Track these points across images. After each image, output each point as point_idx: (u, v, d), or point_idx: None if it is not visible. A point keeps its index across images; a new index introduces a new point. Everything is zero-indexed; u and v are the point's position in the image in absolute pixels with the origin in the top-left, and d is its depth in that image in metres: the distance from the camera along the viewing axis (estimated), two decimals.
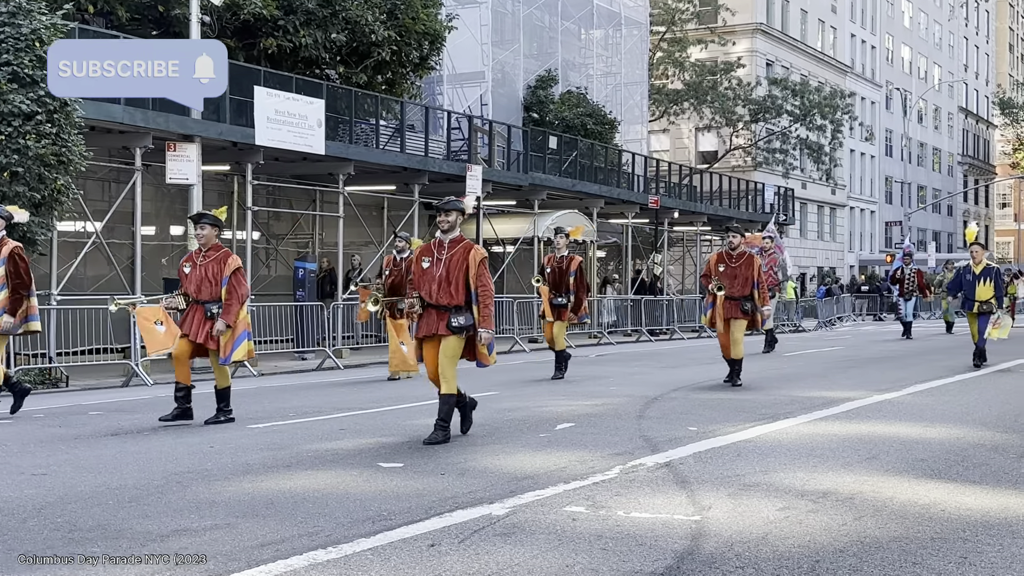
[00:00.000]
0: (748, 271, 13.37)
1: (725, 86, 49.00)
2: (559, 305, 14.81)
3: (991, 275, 16.23)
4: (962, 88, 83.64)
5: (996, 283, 16.17)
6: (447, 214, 8.72)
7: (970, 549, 5.12)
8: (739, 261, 13.47)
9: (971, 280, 16.21)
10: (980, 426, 9.39)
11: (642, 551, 5.08)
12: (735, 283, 13.34)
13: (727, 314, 13.31)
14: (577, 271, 14.81)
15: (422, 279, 8.72)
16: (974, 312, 16.15)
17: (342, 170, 21.83)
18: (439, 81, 32.39)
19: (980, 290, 16.05)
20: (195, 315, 10.01)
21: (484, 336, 8.68)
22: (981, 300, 16.04)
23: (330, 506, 6.15)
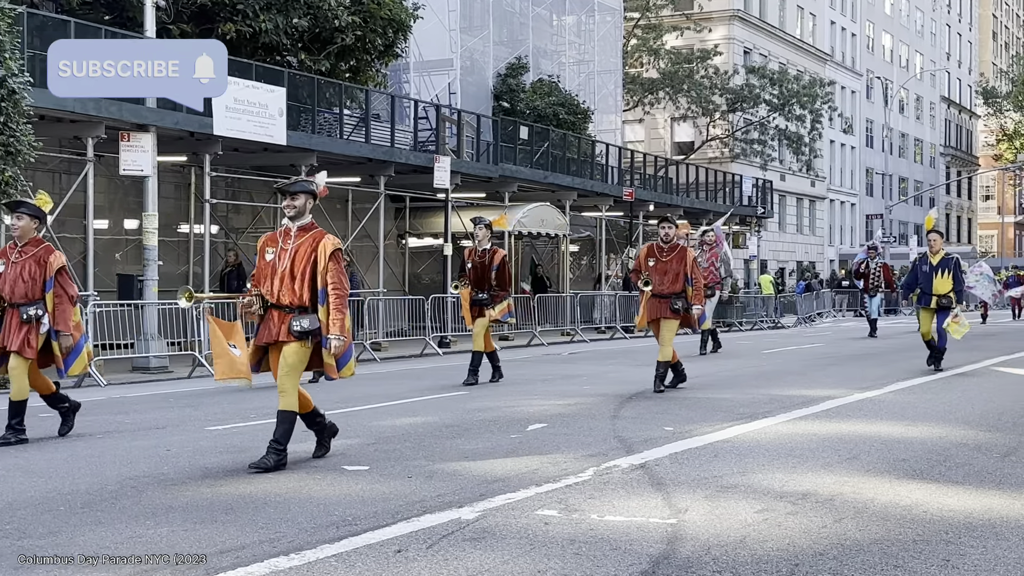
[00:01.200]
0: (680, 265, 12.45)
1: (701, 74, 49.20)
2: (480, 302, 13.90)
3: (950, 266, 15.05)
4: (944, 77, 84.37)
5: (955, 275, 15.08)
6: (294, 197, 7.59)
7: (953, 551, 5.17)
8: (671, 254, 12.55)
9: (928, 272, 15.10)
10: (963, 425, 9.48)
11: (616, 556, 5.10)
12: (665, 279, 12.45)
13: (655, 313, 12.47)
14: (501, 265, 13.91)
15: (263, 273, 7.65)
16: (931, 308, 14.99)
17: (304, 161, 21.73)
18: (405, 69, 32.30)
19: (938, 283, 14.93)
20: (11, 320, 8.83)
21: (333, 344, 7.46)
22: (939, 294, 14.92)
23: (292, 511, 6.13)
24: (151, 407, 12.06)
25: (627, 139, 49.19)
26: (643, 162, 38.58)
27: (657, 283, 12.43)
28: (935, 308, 14.96)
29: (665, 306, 12.39)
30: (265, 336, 7.62)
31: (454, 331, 24.24)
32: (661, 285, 12.42)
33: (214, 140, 19.61)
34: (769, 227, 52.40)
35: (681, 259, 12.48)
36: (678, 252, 12.57)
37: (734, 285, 20.22)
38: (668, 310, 12.38)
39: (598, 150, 34.63)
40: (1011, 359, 17.64)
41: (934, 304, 14.98)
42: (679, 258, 12.49)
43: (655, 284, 12.41)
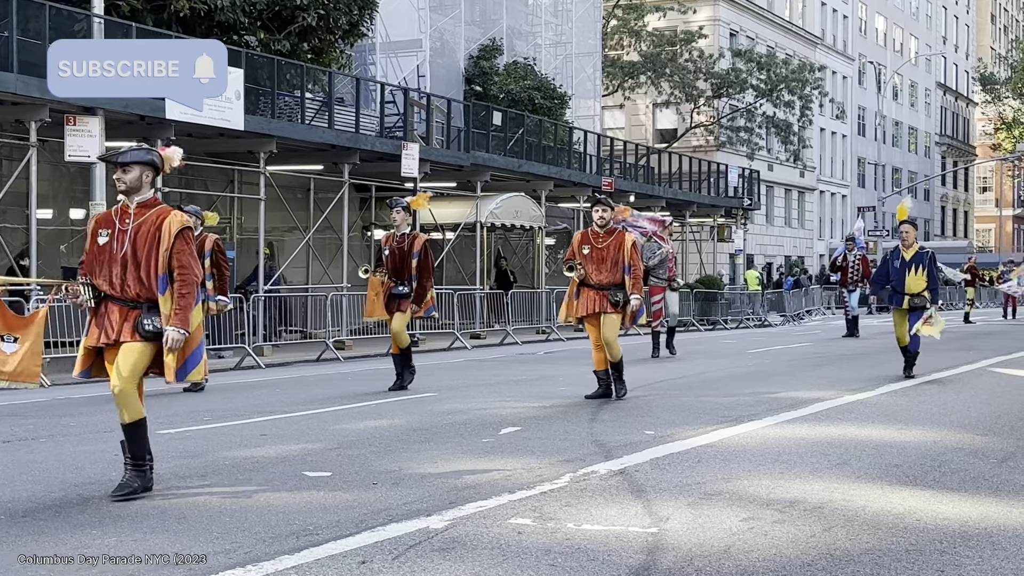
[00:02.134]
0: (618, 253, 11.63)
1: (685, 58, 49.32)
2: (400, 295, 13.05)
3: (924, 262, 14.25)
4: (940, 62, 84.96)
5: (930, 272, 14.27)
6: (125, 170, 6.87)
7: (947, 562, 5.21)
8: (607, 240, 11.70)
9: (900, 268, 14.28)
10: (958, 428, 9.56)
11: (594, 567, 5.11)
12: (602, 268, 11.63)
13: (592, 307, 11.61)
14: (422, 252, 13.03)
15: (98, 260, 6.80)
16: (903, 308, 14.27)
17: (263, 148, 21.64)
18: (371, 50, 32.19)
19: (911, 280, 14.15)
20: None
21: (171, 337, 6.61)
22: (912, 293, 14.16)
23: (249, 520, 6.11)
24: (98, 409, 11.98)
25: (606, 126, 49.28)
26: (623, 150, 38.65)
27: (593, 273, 11.64)
28: (907, 309, 14.26)
29: (604, 299, 11.58)
30: (101, 336, 6.77)
31: (422, 329, 24.22)
32: (598, 275, 11.63)
33: (166, 125, 19.49)
34: (756, 220, 52.67)
35: (619, 245, 11.66)
36: (616, 238, 11.73)
37: None
38: (608, 303, 11.58)
39: (576, 137, 34.67)
40: (1008, 359, 17.79)
41: (906, 304, 14.25)
42: (617, 244, 11.67)
43: (591, 274, 11.64)
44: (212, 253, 13.64)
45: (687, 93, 49.66)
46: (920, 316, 14.13)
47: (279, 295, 22.29)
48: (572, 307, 11.86)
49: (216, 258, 13.71)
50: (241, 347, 19.34)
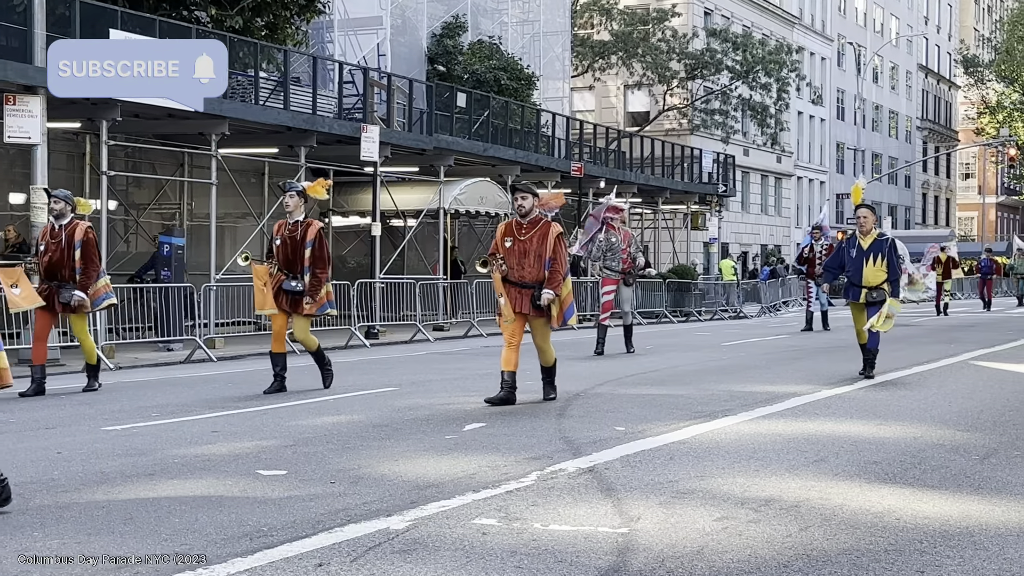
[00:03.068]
0: (541, 245, 10.85)
1: (658, 38, 49.43)
2: (293, 292, 12.37)
3: (883, 250, 13.32)
4: (922, 44, 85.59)
5: (890, 262, 13.31)
6: None
7: (928, 562, 5.25)
8: (531, 232, 10.93)
9: (856, 257, 13.34)
10: (939, 424, 9.64)
11: (561, 569, 5.12)
12: (525, 262, 10.87)
13: (518, 306, 10.90)
14: (316, 241, 12.40)
15: None
16: (860, 302, 13.42)
17: (215, 129, 21.51)
18: (329, 27, 32.07)
19: (869, 271, 13.25)
20: None
21: None
22: (870, 285, 13.27)
23: (200, 521, 6.08)
24: (39, 404, 11.89)
25: (576, 108, 49.33)
26: (593, 134, 38.69)
27: (516, 268, 10.87)
28: (865, 303, 13.37)
29: (527, 299, 10.90)
30: None
31: (383, 320, 24.19)
32: (521, 270, 10.87)
33: (112, 105, 19.33)
34: (731, 207, 52.91)
35: (543, 237, 10.87)
36: (540, 228, 10.93)
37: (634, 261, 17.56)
38: (531, 306, 10.90)
39: (543, 120, 34.67)
40: (991, 352, 17.97)
41: (863, 298, 13.34)
42: (541, 236, 10.89)
43: (513, 269, 10.88)
44: (82, 244, 12.81)
45: (660, 74, 49.77)
46: (878, 311, 13.16)
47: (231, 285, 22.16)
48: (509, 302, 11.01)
49: (86, 250, 12.85)
50: (191, 339, 19.25)
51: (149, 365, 17.56)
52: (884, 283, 13.28)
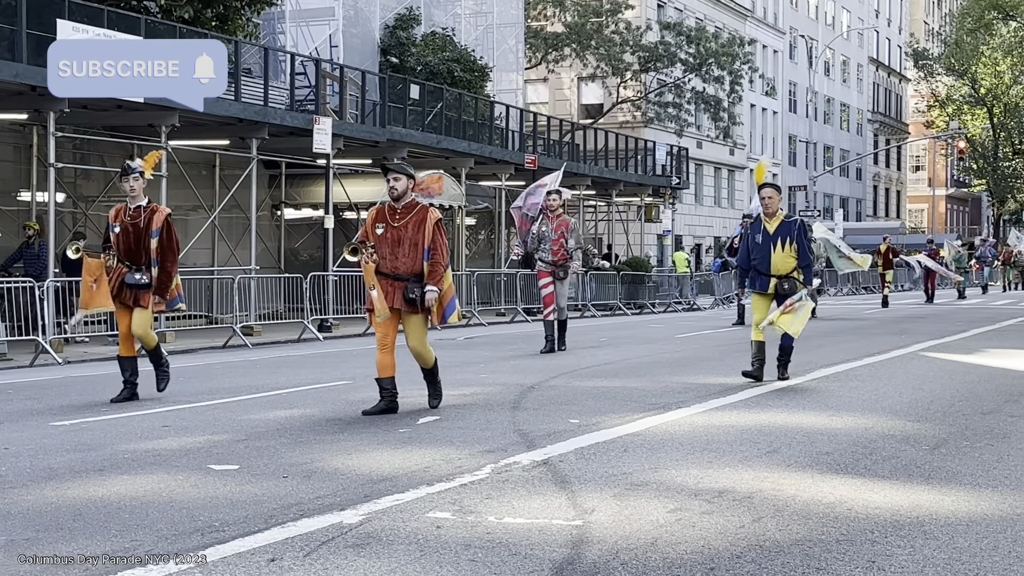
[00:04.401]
0: (417, 233, 9.80)
1: (611, 30, 49.52)
2: (136, 285, 11.00)
3: (792, 233, 11.93)
4: (873, 37, 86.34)
5: (800, 246, 11.96)
6: None
7: (879, 552, 5.31)
8: (406, 217, 9.84)
9: (763, 243, 11.96)
10: (890, 415, 9.74)
11: (516, 562, 5.12)
12: (398, 252, 9.79)
13: (388, 301, 9.77)
14: (164, 229, 11.02)
15: None
16: (768, 293, 12.02)
17: (165, 121, 21.32)
18: (280, 18, 31.86)
19: (777, 258, 11.90)
20: None
21: None
22: (780, 274, 11.93)
23: (151, 516, 6.03)
24: None
25: (529, 100, 49.34)
26: (547, 126, 38.71)
27: (388, 258, 9.80)
28: (773, 294, 12.00)
29: (400, 293, 9.79)
30: None
31: (336, 313, 24.10)
32: (394, 261, 9.80)
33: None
34: (684, 199, 53.17)
35: (420, 224, 9.80)
36: (416, 214, 9.85)
37: (586, 255, 16.09)
38: (404, 301, 9.80)
39: (497, 112, 34.64)
40: (941, 343, 18.18)
41: (772, 288, 11.95)
42: (417, 222, 9.82)
43: (385, 260, 9.80)
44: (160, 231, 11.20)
45: (613, 67, 49.88)
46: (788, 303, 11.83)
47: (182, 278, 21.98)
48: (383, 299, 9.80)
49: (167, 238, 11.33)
50: None
51: (98, 359, 17.38)
52: (795, 271, 11.93)
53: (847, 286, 50.41)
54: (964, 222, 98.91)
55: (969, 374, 13.44)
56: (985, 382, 12.49)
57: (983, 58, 77.46)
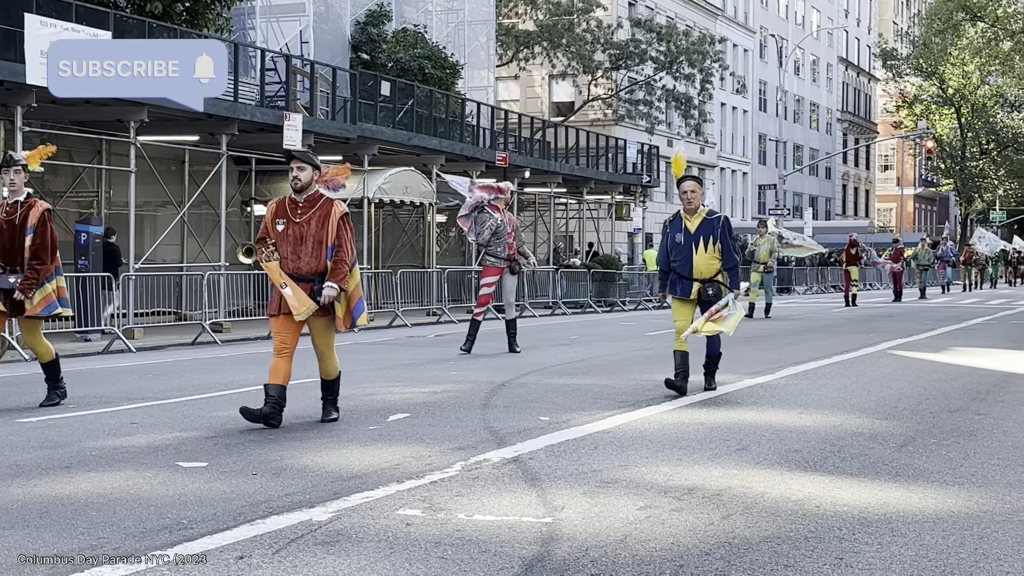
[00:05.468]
0: (322, 229, 9.00)
1: (583, 28, 49.58)
2: (10, 289, 10.12)
3: (715, 232, 10.77)
4: (842, 36, 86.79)
5: (725, 245, 10.81)
6: None
7: (847, 549, 5.34)
8: (309, 212, 9.07)
9: (684, 243, 10.80)
10: (858, 412, 9.80)
11: (486, 559, 5.12)
12: (302, 250, 9.01)
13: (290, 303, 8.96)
14: (39, 226, 10.18)
15: None
16: (690, 299, 10.84)
17: (134, 116, 21.19)
18: (250, 13, 31.73)
19: (700, 260, 10.75)
20: None
21: None
22: (703, 278, 10.77)
23: (118, 514, 6.00)
24: None
25: (500, 98, 49.31)
26: (518, 124, 38.71)
27: (290, 257, 9.02)
28: (697, 300, 10.86)
29: (305, 292, 8.97)
30: None
31: None
32: (296, 260, 9.00)
33: (27, 90, 18.96)
34: (655, 197, 53.26)
35: (324, 219, 9.03)
36: (320, 208, 9.08)
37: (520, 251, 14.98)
38: (311, 299, 8.97)
39: (468, 109, 34.62)
40: (909, 342, 18.30)
41: (695, 293, 10.82)
42: (321, 218, 9.05)
43: (288, 259, 9.02)
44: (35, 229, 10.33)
45: (584, 64, 49.94)
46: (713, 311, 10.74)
47: (151, 274, 21.88)
48: (299, 296, 8.97)
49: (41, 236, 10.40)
50: (110, 330, 18.97)
51: (66, 356, 17.23)
52: (719, 273, 10.83)
53: (816, 284, 50.66)
54: (932, 221, 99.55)
55: (936, 372, 13.54)
56: (952, 380, 12.58)
57: (951, 59, 78.02)
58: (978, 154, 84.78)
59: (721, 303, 10.65)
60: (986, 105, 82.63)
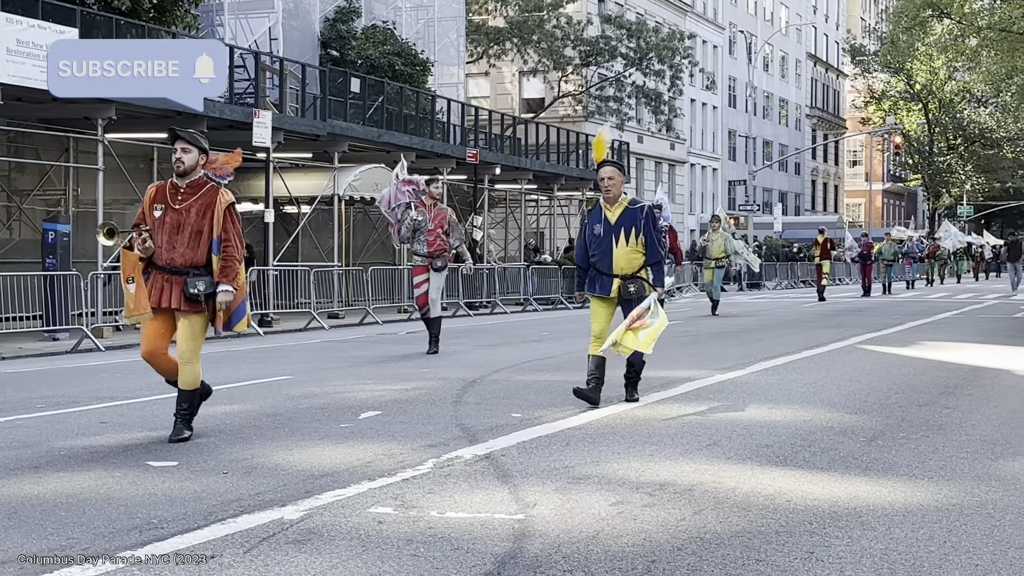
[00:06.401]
0: (203, 219, 8.15)
1: (553, 24, 49.58)
2: None
3: (638, 223, 9.80)
4: (811, 32, 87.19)
5: (649, 238, 9.80)
6: None
7: (817, 543, 5.36)
8: (190, 199, 8.20)
9: (604, 235, 9.81)
10: (828, 407, 9.85)
11: (458, 556, 5.12)
12: (177, 240, 8.13)
13: (159, 298, 8.18)
14: None
15: None
16: (610, 297, 9.79)
17: (101, 114, 21.06)
18: (219, 10, 31.58)
19: (621, 254, 9.74)
20: None
21: None
22: (624, 274, 9.72)
23: (88, 514, 5.96)
24: None
25: (471, 94, 49.28)
26: (488, 120, 38.69)
27: (165, 248, 8.16)
28: (618, 298, 9.80)
29: (178, 290, 8.12)
30: None
31: (277, 308, 23.95)
32: (171, 251, 8.16)
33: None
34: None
35: (207, 208, 8.17)
36: (204, 196, 8.22)
37: (472, 252, 14.00)
38: (183, 298, 8.12)
39: (439, 106, 34.58)
40: (878, 336, 18.41)
41: (615, 290, 9.75)
42: (204, 207, 8.19)
43: (162, 249, 8.16)
44: None
45: (555, 61, 49.95)
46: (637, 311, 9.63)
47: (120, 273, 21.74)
48: (139, 298, 8.17)
49: None
50: (78, 328, 18.84)
51: (34, 355, 17.15)
52: (642, 269, 9.80)
53: (786, 279, 50.86)
54: (900, 216, 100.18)
55: (905, 366, 13.62)
56: (921, 374, 12.66)
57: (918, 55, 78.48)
58: (945, 149, 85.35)
59: (643, 305, 9.58)
60: (953, 101, 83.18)
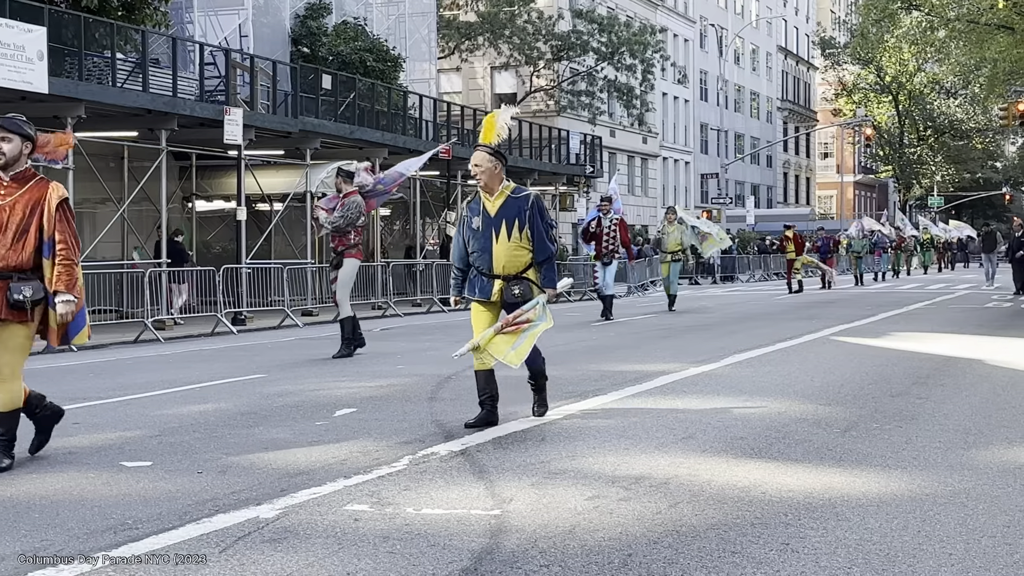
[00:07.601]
0: (31, 217, 7.21)
1: (524, 19, 49.58)
2: None
3: (523, 214, 8.46)
4: (781, 25, 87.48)
5: (536, 231, 8.50)
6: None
7: (792, 534, 5.38)
8: (14, 194, 7.23)
9: (484, 230, 8.49)
10: (802, 399, 9.89)
11: (434, 552, 5.12)
12: (1, 241, 7.15)
13: None
14: None
15: None
16: (492, 301, 8.51)
17: (71, 112, 20.93)
18: (188, 7, 31.40)
19: (502, 250, 8.45)
20: None
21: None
22: (507, 274, 8.45)
23: (61, 515, 5.93)
24: None
25: (443, 90, 49.24)
26: (460, 116, 38.66)
27: None
28: (501, 302, 8.53)
29: (2, 295, 7.14)
30: None
31: (250, 306, 23.86)
32: None
33: None
34: (598, 187, 53.42)
35: (34, 204, 7.24)
36: (32, 191, 7.27)
37: None
38: (5, 304, 7.15)
39: (411, 102, 34.52)
40: (850, 328, 18.50)
41: (497, 293, 8.47)
42: (31, 202, 7.25)
43: None
44: None
45: (527, 56, 49.97)
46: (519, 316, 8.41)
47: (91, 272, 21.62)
48: None
49: None
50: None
51: None
52: (529, 268, 8.54)
53: (759, 272, 51.07)
54: (872, 208, 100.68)
55: (878, 357, 13.70)
56: (893, 365, 12.73)
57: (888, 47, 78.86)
58: (916, 141, 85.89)
59: (528, 306, 8.36)
60: (923, 92, 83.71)
